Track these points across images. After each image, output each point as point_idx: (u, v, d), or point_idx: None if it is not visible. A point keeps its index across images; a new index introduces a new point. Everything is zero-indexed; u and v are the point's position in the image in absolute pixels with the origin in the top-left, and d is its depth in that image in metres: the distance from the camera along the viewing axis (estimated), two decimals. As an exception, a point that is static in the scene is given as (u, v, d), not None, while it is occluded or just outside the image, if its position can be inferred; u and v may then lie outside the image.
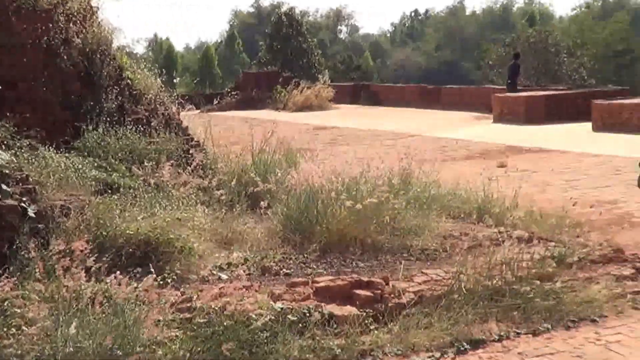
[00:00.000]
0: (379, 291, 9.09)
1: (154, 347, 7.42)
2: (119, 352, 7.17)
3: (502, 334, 8.55)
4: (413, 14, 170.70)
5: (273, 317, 8.01)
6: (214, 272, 9.98)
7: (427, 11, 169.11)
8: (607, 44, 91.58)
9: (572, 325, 8.79)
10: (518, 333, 8.60)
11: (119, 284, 7.80)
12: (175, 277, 9.35)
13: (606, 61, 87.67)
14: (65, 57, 14.53)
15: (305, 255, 10.93)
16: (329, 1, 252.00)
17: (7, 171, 9.83)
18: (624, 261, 10.72)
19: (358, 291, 9.05)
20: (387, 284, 9.32)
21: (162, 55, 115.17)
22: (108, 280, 7.93)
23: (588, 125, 28.03)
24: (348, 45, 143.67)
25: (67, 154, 12.68)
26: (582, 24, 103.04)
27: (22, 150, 11.79)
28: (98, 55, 15.07)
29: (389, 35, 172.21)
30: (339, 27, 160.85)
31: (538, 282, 9.59)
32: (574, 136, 25.87)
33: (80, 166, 12.23)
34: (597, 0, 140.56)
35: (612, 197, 15.58)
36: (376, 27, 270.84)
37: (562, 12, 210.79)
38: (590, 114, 28.41)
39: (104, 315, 7.55)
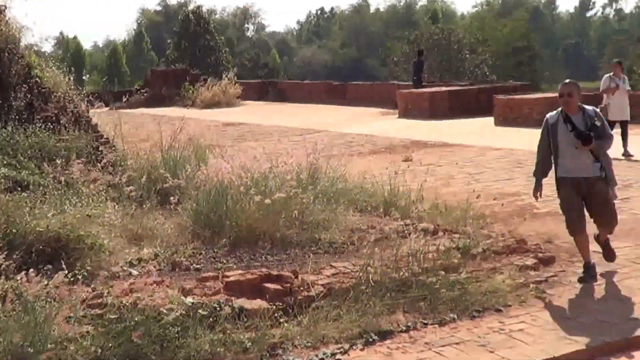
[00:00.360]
0: (289, 284, 9.11)
1: (65, 343, 7.33)
2: (30, 349, 7.08)
3: (409, 324, 8.63)
4: (319, 12, 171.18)
5: (184, 312, 7.97)
6: (125, 268, 9.89)
7: (332, 9, 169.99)
8: (507, 41, 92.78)
9: (477, 314, 8.90)
10: (425, 323, 8.68)
11: (29, 281, 7.68)
12: (85, 273, 9.24)
13: (507, 57, 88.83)
14: (-28, 56, 14.29)
15: (215, 250, 10.90)
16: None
17: None
18: (527, 251, 10.90)
19: (268, 285, 9.05)
20: (297, 277, 9.34)
21: (70, 53, 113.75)
22: (18, 278, 7.81)
23: (490, 120, 28.41)
24: (255, 43, 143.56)
25: (-25, 152, 12.46)
26: (483, 21, 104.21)
27: None
28: (6, 54, 14.85)
29: (295, 33, 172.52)
30: (246, 25, 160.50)
31: (444, 273, 9.70)
32: (477, 131, 26.18)
33: (-12, 164, 12.03)
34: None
35: (514, 189, 15.82)
36: (282, 25, 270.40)
37: (464, 9, 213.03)
38: (492, 109, 28.80)
39: (14, 312, 7.44)
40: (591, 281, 9.88)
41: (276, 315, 8.49)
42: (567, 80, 10.61)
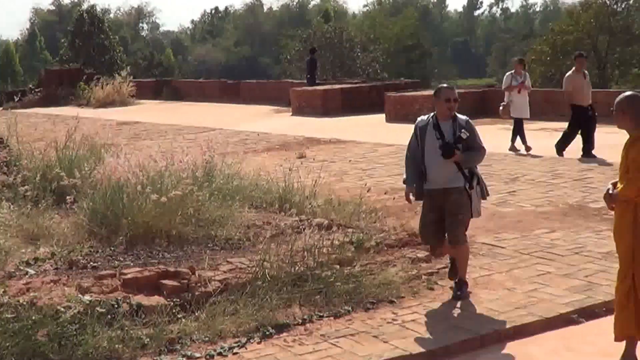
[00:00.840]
0: (186, 281, 9.10)
1: (-40, 344, 7.21)
2: None
3: (305, 317, 8.69)
4: (213, 12, 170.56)
5: (81, 310, 7.90)
6: (21, 268, 9.74)
7: (226, 8, 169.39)
8: (398, 39, 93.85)
9: (371, 306, 9.00)
10: (320, 316, 8.76)
11: None
12: (-20, 274, 9.10)
13: (397, 55, 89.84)
14: None
15: (112, 248, 10.79)
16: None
17: None
18: (418, 244, 11.03)
19: (165, 281, 9.03)
20: (194, 273, 9.33)
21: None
22: None
23: (382, 116, 28.66)
24: (149, 42, 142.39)
25: None
26: (374, 20, 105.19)
27: None
28: None
29: (189, 32, 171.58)
30: (140, 24, 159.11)
31: (338, 266, 9.80)
32: (369, 127, 26.40)
33: None
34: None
35: (406, 184, 15.98)
36: (177, 24, 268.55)
37: (355, 8, 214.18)
38: (383, 106, 29.06)
39: None
40: (461, 298, 9.23)
41: (174, 311, 8.48)
42: (445, 85, 10.10)
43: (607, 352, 7.76)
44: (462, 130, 9.25)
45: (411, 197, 9.65)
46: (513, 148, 19.97)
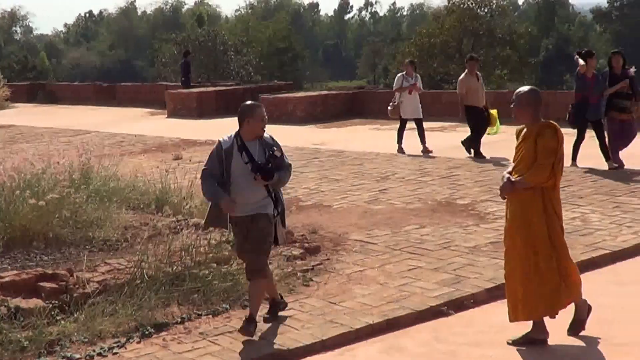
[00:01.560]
0: (64, 283, 8.96)
1: None
2: None
3: (184, 316, 8.66)
4: (87, 15, 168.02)
5: (-42, 314, 7.72)
6: None
7: (101, 12, 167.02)
8: (270, 42, 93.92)
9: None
10: (199, 314, 8.74)
11: None
12: None
13: (270, 58, 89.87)
14: None
15: (-11, 252, 10.56)
16: (3, 2, 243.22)
17: None
18: (294, 242, 11.10)
19: (43, 284, 8.88)
20: (72, 275, 9.20)
21: None
22: None
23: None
24: (23, 46, 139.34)
25: None
26: (247, 23, 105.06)
27: None
28: None
29: (63, 35, 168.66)
30: (13, 28, 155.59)
31: (215, 265, 9.79)
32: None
33: None
34: (260, 1, 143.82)
35: (280, 184, 16.04)
36: (50, 28, 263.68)
37: (228, 12, 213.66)
38: (257, 107, 29.00)
39: None
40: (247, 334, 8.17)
41: (53, 313, 8.36)
42: (254, 102, 9.12)
43: (475, 342, 7.96)
44: (274, 149, 8.37)
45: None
46: (400, 149, 19.70)
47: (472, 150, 18.53)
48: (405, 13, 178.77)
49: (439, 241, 11.34)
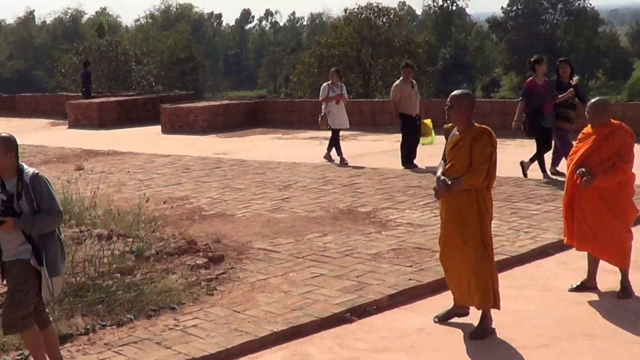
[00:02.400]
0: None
1: None
2: None
3: (88, 327, 8.55)
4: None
5: None
6: None
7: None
8: (171, 52, 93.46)
9: (153, 314, 8.94)
10: (103, 325, 8.63)
11: None
12: None
13: (171, 68, 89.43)
14: None
15: None
16: None
17: None
18: (197, 251, 11.05)
19: (-57, 298, 8.65)
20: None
21: None
22: None
23: (158, 128, 28.44)
24: None
25: None
26: (147, 33, 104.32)
27: None
28: None
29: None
30: None
31: (119, 276, 9.71)
32: (146, 139, 26.15)
33: None
34: (161, 11, 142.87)
35: (183, 193, 15.98)
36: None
37: (128, 22, 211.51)
38: (159, 117, 28.87)
39: None
40: None
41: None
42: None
43: (377, 348, 8.02)
44: (31, 189, 7.16)
45: None
46: (328, 157, 19.51)
47: (404, 160, 18.23)
48: (305, 23, 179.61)
49: (342, 249, 11.39)
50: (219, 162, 19.93)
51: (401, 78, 18.80)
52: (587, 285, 9.32)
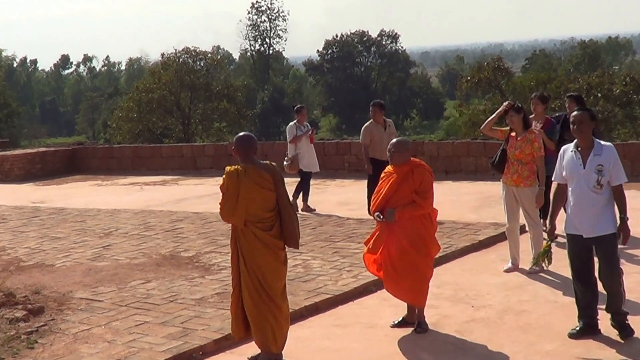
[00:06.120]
0: None
1: None
2: None
3: None
4: None
5: None
6: None
7: None
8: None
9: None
10: None
11: None
12: None
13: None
14: None
15: None
16: None
17: None
18: (16, 304, 10.69)
19: None
20: None
21: None
22: None
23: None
24: None
25: None
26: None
27: None
28: None
29: None
30: None
31: None
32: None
33: None
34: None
35: (0, 244, 15.45)
36: None
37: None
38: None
39: None
40: None
41: None
42: None
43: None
44: None
45: None
46: (306, 207, 17.53)
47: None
48: (122, 68, 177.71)
49: (165, 295, 11.25)
50: (37, 210, 19.39)
51: (371, 119, 16.56)
52: (408, 320, 9.51)
